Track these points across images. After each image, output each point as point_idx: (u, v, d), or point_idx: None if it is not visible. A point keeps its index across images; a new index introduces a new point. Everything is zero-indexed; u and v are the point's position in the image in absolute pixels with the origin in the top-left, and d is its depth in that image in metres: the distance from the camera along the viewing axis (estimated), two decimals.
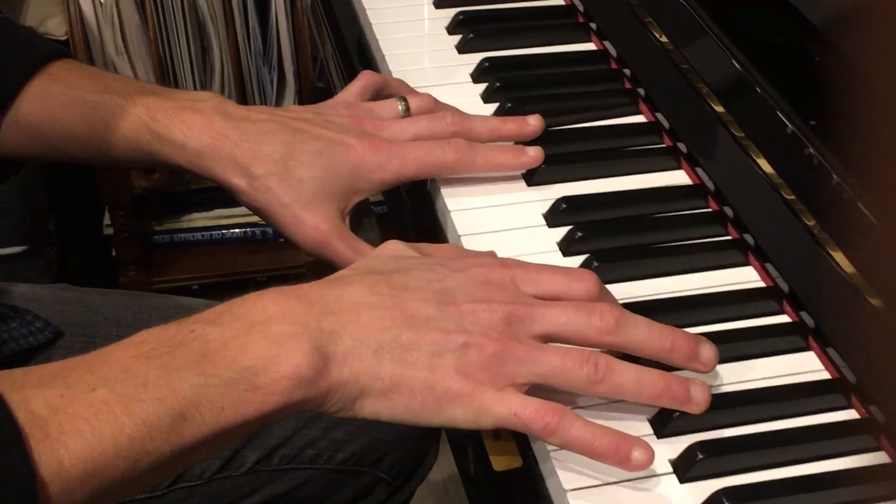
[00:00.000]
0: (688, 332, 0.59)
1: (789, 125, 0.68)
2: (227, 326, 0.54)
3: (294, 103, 1.69)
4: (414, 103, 0.76)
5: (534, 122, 0.75)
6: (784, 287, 0.66)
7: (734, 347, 0.62)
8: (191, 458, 0.52)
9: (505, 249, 0.68)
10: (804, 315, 0.64)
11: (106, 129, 0.74)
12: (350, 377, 0.55)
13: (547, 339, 0.57)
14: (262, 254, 1.82)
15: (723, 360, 0.61)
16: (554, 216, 0.71)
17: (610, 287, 0.65)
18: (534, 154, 0.73)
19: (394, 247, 0.62)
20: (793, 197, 0.67)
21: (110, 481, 0.49)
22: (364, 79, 0.79)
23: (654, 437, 0.57)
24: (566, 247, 0.69)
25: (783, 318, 0.65)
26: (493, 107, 0.81)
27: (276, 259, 1.81)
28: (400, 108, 0.76)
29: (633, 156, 0.77)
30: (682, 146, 0.76)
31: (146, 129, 0.73)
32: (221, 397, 0.51)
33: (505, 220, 0.71)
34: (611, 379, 0.56)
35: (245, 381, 0.52)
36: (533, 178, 0.74)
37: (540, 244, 0.70)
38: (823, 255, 0.64)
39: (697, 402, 0.57)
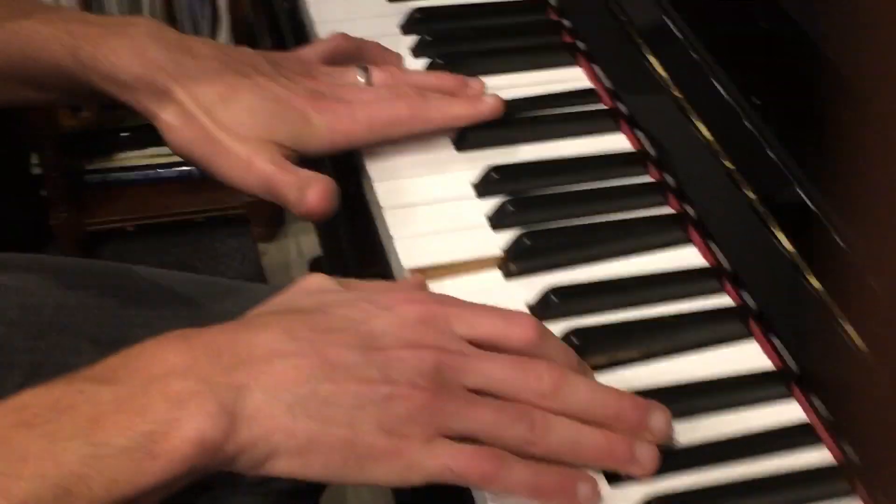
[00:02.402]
0: (637, 398, 0.53)
1: (725, 95, 0.64)
2: (121, 385, 0.48)
3: (230, 42, 1.62)
4: (376, 75, 0.70)
5: (474, 84, 0.71)
6: (726, 265, 0.62)
7: (674, 336, 0.58)
8: None
9: (431, 224, 0.64)
10: (745, 296, 0.60)
11: (26, 60, 0.67)
12: (260, 436, 0.49)
13: (480, 392, 0.52)
14: (200, 193, 1.75)
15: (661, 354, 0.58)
16: (484, 186, 0.66)
17: (545, 261, 0.62)
18: (491, 102, 0.68)
19: (317, 281, 0.56)
20: (733, 167, 0.63)
21: None
22: (335, 41, 0.72)
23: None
24: (496, 220, 0.64)
25: (725, 300, 0.61)
26: (423, 62, 0.75)
27: (214, 199, 1.75)
28: (360, 78, 0.70)
29: (571, 119, 0.72)
30: (622, 108, 0.72)
31: (70, 57, 0.66)
32: (113, 469, 0.45)
33: (431, 191, 0.66)
34: (547, 439, 0.51)
35: (141, 449, 0.46)
36: (463, 142, 0.69)
37: (468, 218, 0.65)
38: (765, 232, 0.60)
39: (643, 464, 0.51)
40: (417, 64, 0.76)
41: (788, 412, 0.56)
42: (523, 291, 0.61)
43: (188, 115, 0.64)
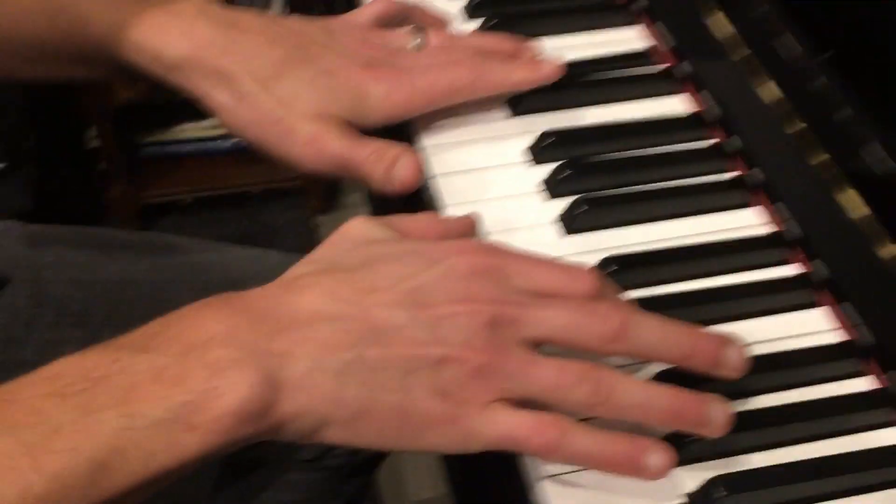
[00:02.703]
0: (711, 332, 0.50)
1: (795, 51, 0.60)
2: (159, 352, 0.46)
3: (283, 10, 1.60)
4: (431, 38, 0.66)
5: (551, 66, 0.66)
6: (795, 232, 0.59)
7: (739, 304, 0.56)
8: None
9: (485, 192, 0.62)
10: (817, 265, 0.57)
11: (74, 35, 0.65)
12: (306, 406, 0.46)
13: (539, 344, 0.49)
14: (256, 165, 1.74)
15: (727, 319, 0.55)
16: (540, 152, 0.64)
17: (600, 234, 0.59)
18: (552, 66, 0.65)
19: (360, 227, 0.53)
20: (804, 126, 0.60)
21: None
22: (383, 4, 0.68)
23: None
24: (552, 187, 0.62)
25: (793, 270, 0.58)
26: (476, 23, 0.73)
27: (271, 171, 1.74)
28: (414, 42, 0.66)
29: (631, 81, 0.69)
30: (686, 68, 0.68)
31: (116, 33, 0.63)
32: (150, 441, 0.44)
33: (485, 158, 0.64)
34: (613, 400, 0.47)
35: (180, 421, 0.44)
36: (519, 106, 0.67)
37: (523, 185, 0.62)
38: (836, 198, 0.57)
39: (716, 425, 0.48)
40: (471, 25, 0.73)
41: (861, 386, 0.53)
42: (579, 260, 0.58)
43: (243, 94, 0.61)
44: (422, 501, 1.36)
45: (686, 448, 0.49)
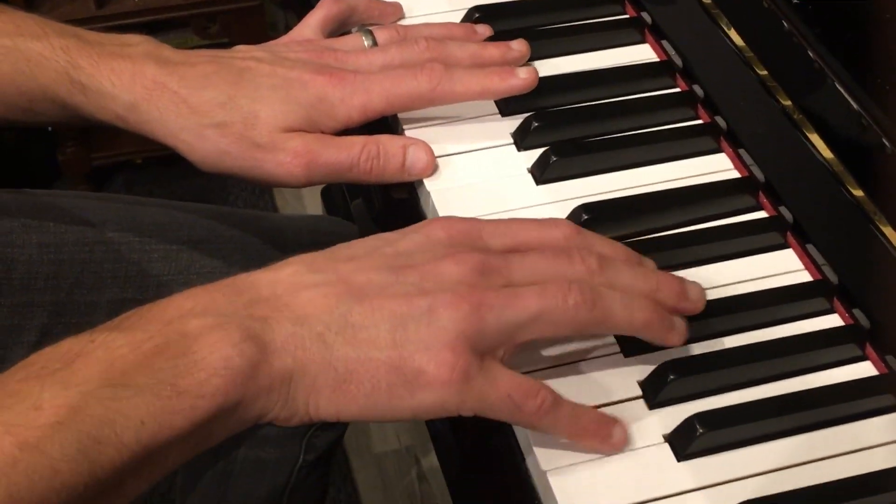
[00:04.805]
0: (671, 274, 0.53)
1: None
2: (137, 330, 0.45)
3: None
4: (381, 35, 0.65)
5: (517, 47, 0.65)
6: (759, 177, 0.60)
7: (709, 248, 0.57)
8: (119, 494, 0.43)
9: (453, 145, 0.62)
10: (783, 210, 0.59)
11: (21, 81, 0.62)
12: (295, 368, 0.46)
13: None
14: None
15: (696, 263, 0.56)
16: (507, 104, 0.64)
17: (572, 182, 0.60)
18: (525, 76, 0.62)
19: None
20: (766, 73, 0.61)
21: None
22: (324, 8, 0.67)
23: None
24: (521, 138, 0.62)
25: (760, 214, 0.59)
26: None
27: None
28: (365, 42, 0.65)
29: (594, 29, 0.69)
30: (646, 17, 0.69)
31: (67, 78, 0.61)
32: (138, 409, 0.42)
33: (454, 111, 0.64)
34: (601, 305, 0.48)
35: (166, 386, 0.43)
36: None
37: (493, 135, 0.63)
38: (801, 140, 0.58)
39: (680, 332, 0.51)
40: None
41: (829, 324, 0.54)
42: (552, 210, 0.59)
43: (204, 127, 0.60)
44: (385, 453, 1.37)
45: (666, 387, 0.50)
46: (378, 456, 1.37)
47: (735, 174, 0.61)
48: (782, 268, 0.57)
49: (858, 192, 0.55)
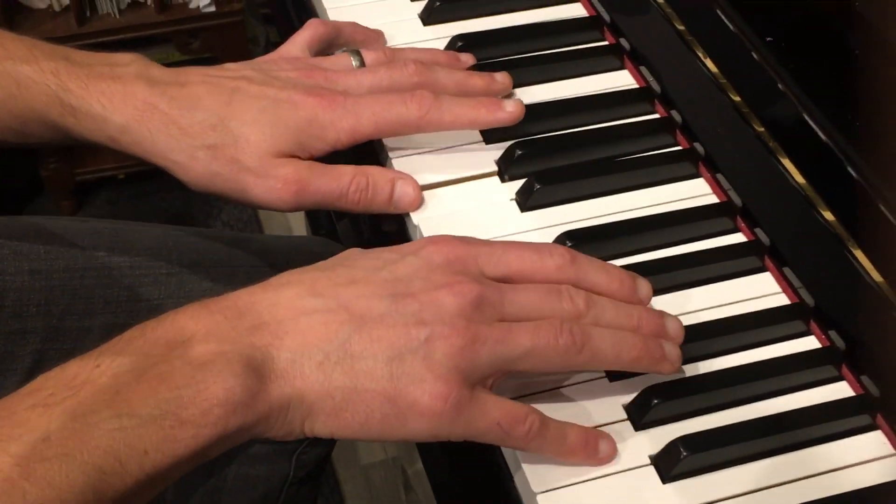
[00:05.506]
0: (651, 308, 0.54)
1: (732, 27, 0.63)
2: (140, 355, 0.46)
3: None
4: (369, 57, 0.66)
5: (501, 80, 0.66)
6: (737, 201, 0.62)
7: (690, 272, 0.59)
8: None
9: (438, 174, 0.63)
10: (759, 233, 0.60)
11: (12, 104, 0.63)
12: (293, 396, 0.47)
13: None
14: None
15: (677, 287, 0.58)
16: (492, 131, 0.66)
17: (555, 209, 0.62)
18: (511, 109, 0.63)
19: (345, 252, 0.54)
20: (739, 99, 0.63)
21: None
22: (311, 28, 0.68)
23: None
24: (505, 166, 0.64)
25: (739, 238, 0.61)
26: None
27: None
28: (353, 62, 0.66)
29: (574, 56, 0.71)
30: (625, 43, 0.71)
31: (57, 101, 0.62)
32: (143, 440, 0.44)
33: (439, 138, 0.65)
34: (590, 346, 0.50)
35: (169, 417, 0.44)
36: None
37: (477, 162, 0.64)
38: (775, 165, 0.60)
39: (672, 360, 0.52)
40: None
41: (806, 346, 0.56)
42: (539, 239, 0.60)
43: (195, 149, 0.61)
44: (372, 464, 1.38)
45: (650, 411, 0.52)
46: (365, 467, 1.39)
47: (714, 199, 0.63)
48: (760, 291, 0.58)
49: (830, 216, 0.57)
